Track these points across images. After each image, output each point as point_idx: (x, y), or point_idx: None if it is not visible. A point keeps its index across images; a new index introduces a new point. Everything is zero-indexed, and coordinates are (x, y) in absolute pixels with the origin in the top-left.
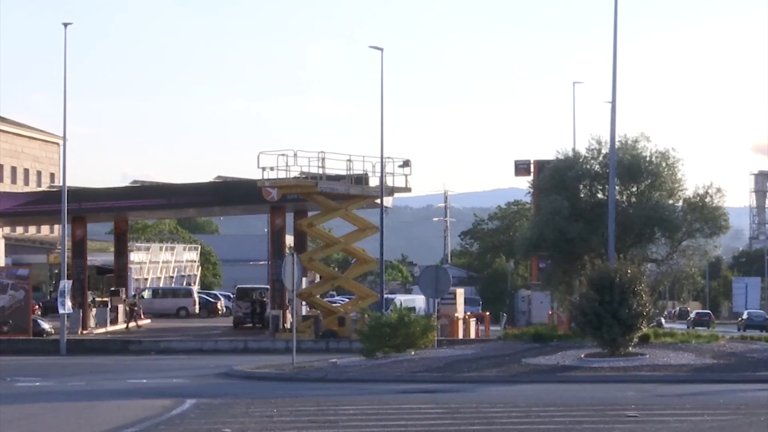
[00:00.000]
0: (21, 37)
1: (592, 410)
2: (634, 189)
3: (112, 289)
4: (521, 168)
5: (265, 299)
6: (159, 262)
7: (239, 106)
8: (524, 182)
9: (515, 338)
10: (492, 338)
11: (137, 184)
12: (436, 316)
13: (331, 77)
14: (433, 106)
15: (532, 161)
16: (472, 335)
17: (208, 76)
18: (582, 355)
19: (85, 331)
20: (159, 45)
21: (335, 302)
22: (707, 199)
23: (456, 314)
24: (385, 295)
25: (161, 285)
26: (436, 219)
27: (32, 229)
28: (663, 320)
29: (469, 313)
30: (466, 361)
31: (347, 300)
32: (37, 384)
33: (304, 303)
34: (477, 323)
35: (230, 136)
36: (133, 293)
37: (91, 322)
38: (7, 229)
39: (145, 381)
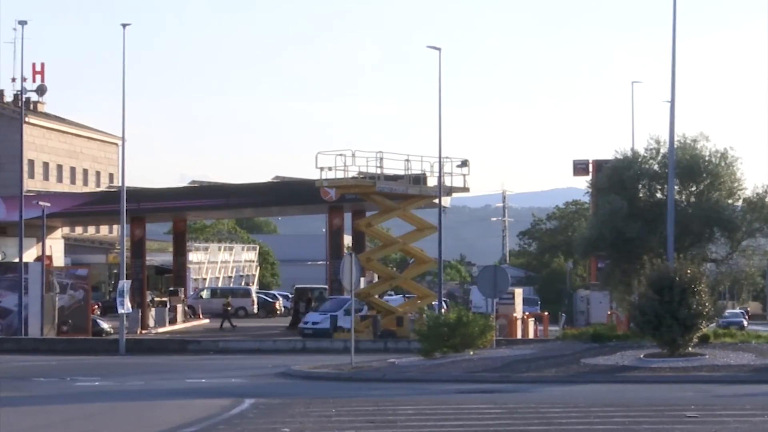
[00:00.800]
0: (80, 37)
1: (652, 410)
2: (693, 189)
3: (171, 288)
4: (580, 168)
5: (311, 298)
6: (217, 262)
7: (297, 106)
8: (583, 182)
9: (574, 338)
10: (551, 338)
11: (195, 185)
12: (494, 316)
13: (389, 77)
14: (491, 106)
15: (590, 161)
16: (531, 335)
17: (265, 76)
18: (641, 356)
19: (144, 331)
20: (216, 45)
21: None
22: (767, 199)
23: (514, 314)
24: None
25: (220, 285)
26: (495, 219)
27: (91, 229)
28: (745, 322)
29: (527, 313)
30: (525, 361)
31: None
32: (97, 383)
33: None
34: (535, 323)
35: (288, 137)
36: (226, 296)
37: (150, 322)
38: (66, 229)
39: (203, 381)
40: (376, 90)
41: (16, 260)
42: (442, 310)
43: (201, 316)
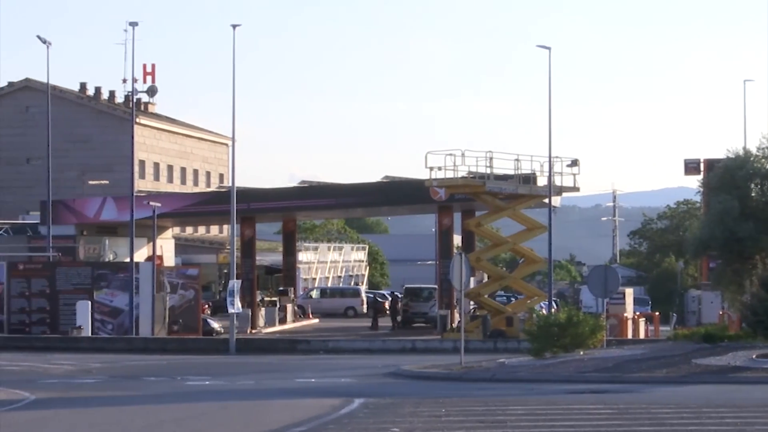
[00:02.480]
0: (190, 38)
1: (764, 411)
2: None
3: (281, 288)
4: (691, 167)
5: (399, 298)
6: (327, 261)
7: (405, 106)
8: (694, 181)
9: (685, 338)
10: (661, 338)
11: (305, 185)
12: (605, 316)
13: (497, 77)
14: (601, 105)
15: (701, 160)
16: (642, 335)
17: (373, 76)
18: (753, 356)
19: (254, 331)
20: (325, 45)
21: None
22: None
23: (625, 314)
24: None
25: (329, 285)
26: (605, 218)
27: (201, 230)
28: None
29: (638, 313)
30: (636, 361)
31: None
32: (207, 383)
33: (472, 303)
34: (646, 323)
35: (397, 137)
36: (386, 294)
37: (260, 322)
38: (176, 229)
39: (313, 380)
40: (484, 89)
41: (127, 260)
42: (552, 310)
43: (311, 316)
